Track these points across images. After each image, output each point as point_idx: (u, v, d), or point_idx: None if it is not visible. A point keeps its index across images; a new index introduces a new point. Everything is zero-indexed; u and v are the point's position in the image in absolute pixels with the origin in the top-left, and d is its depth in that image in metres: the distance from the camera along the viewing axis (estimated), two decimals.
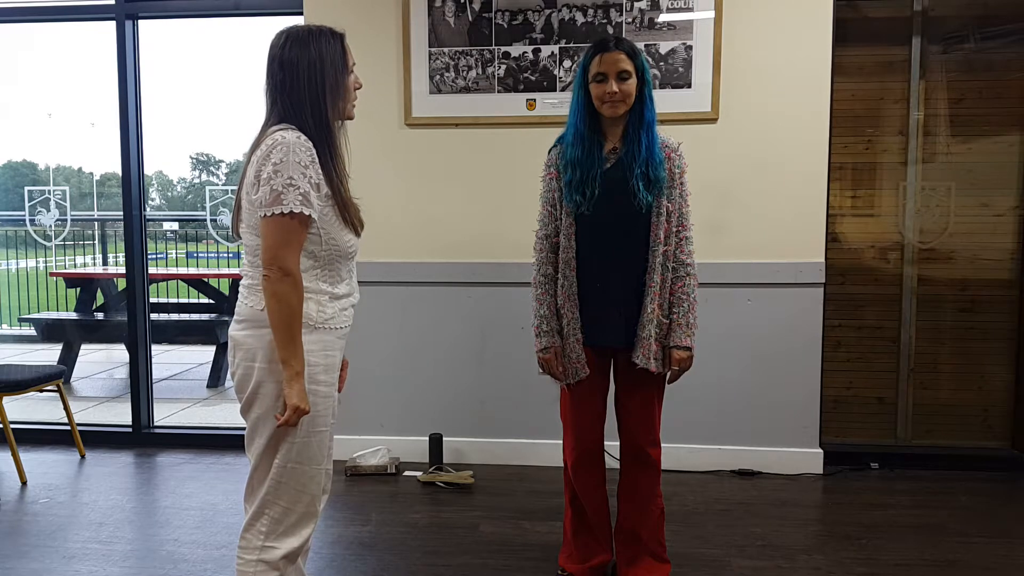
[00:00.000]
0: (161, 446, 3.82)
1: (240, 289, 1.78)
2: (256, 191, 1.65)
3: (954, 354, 3.57)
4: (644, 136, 2.17)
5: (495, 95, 3.39)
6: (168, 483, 3.32)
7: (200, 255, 8.14)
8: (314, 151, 1.67)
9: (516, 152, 3.39)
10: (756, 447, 3.41)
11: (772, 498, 3.13)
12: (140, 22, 3.78)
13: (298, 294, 1.64)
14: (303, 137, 1.66)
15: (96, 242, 7.65)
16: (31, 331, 6.79)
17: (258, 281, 1.71)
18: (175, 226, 8.24)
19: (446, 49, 3.39)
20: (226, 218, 4.81)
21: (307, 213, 1.63)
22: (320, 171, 1.67)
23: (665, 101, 3.14)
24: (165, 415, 4.47)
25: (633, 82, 2.15)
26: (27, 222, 4.54)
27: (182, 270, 7.02)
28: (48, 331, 5.84)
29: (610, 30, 3.30)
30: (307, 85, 1.68)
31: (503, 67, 3.38)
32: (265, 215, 1.62)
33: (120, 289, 5.80)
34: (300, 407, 1.65)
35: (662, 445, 2.34)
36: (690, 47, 3.28)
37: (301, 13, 3.44)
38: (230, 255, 7.61)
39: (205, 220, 4.86)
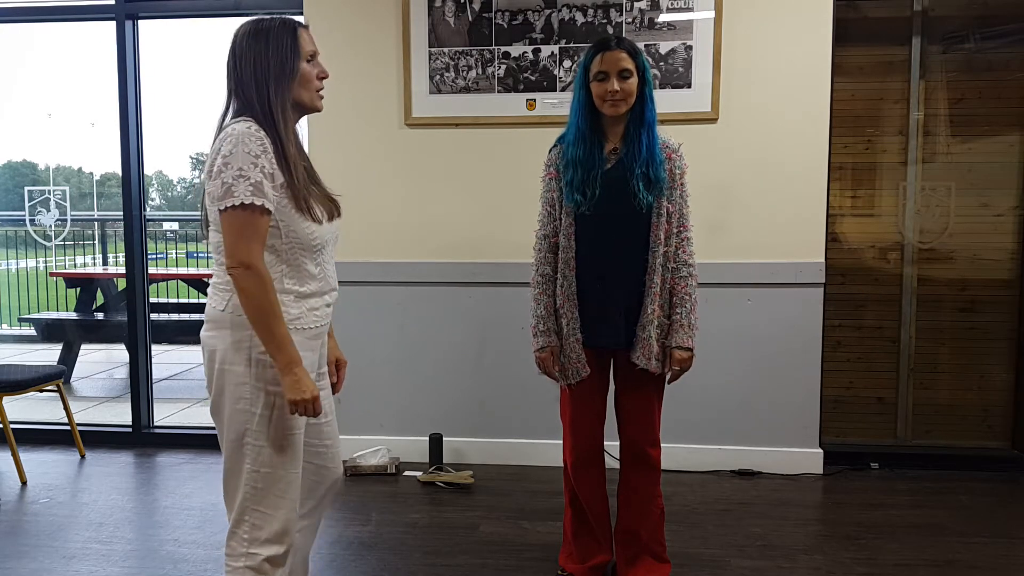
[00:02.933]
0: (161, 446, 3.82)
1: (208, 289, 1.77)
2: (210, 186, 1.63)
3: (954, 354, 3.57)
4: (645, 136, 2.17)
5: (495, 95, 3.39)
6: (168, 483, 3.32)
7: (200, 255, 8.14)
8: (267, 141, 1.63)
9: (516, 152, 3.39)
10: (756, 447, 3.41)
11: (772, 498, 3.13)
12: (140, 22, 3.78)
13: (264, 287, 1.60)
14: (254, 127, 1.63)
15: (96, 242, 7.65)
16: (31, 331, 6.80)
17: (222, 280, 1.69)
18: (175, 226, 8.24)
19: (446, 49, 3.39)
20: None
21: (259, 203, 1.59)
22: (273, 161, 1.63)
23: (665, 101, 3.14)
24: (165, 415, 4.47)
25: (634, 81, 2.15)
26: (27, 222, 4.54)
27: (182, 270, 7.03)
28: (48, 331, 5.84)
29: (610, 30, 3.30)
30: (253, 74, 1.66)
31: (503, 67, 3.38)
32: (220, 209, 1.60)
33: (120, 289, 5.80)
34: (295, 399, 1.62)
35: (662, 445, 2.34)
36: (690, 47, 3.28)
37: (301, 13, 3.44)
38: None
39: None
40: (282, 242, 1.68)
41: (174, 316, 6.08)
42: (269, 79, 1.66)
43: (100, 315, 5.97)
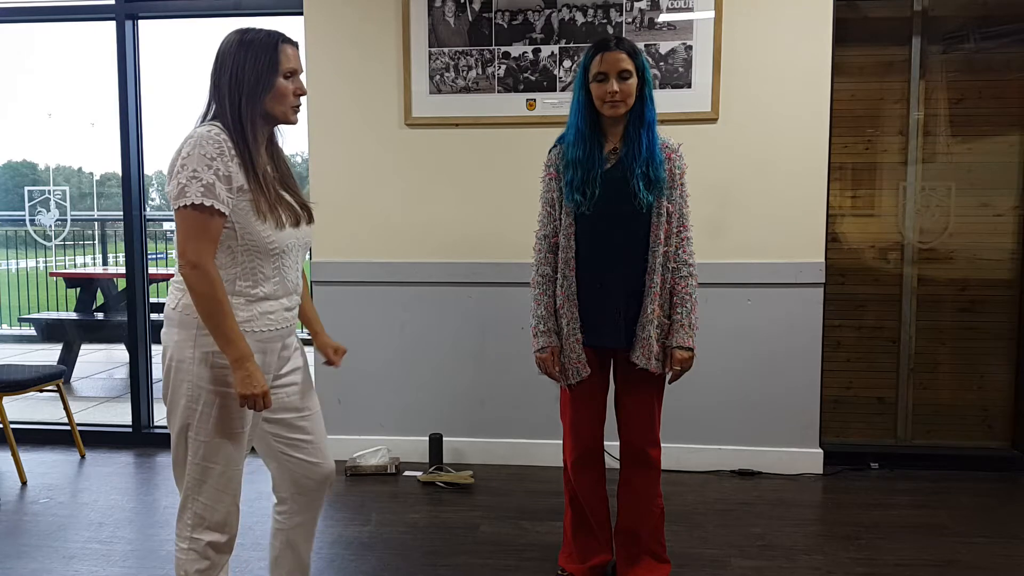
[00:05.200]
0: (161, 446, 3.82)
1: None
2: (168, 185, 1.68)
3: (954, 354, 3.57)
4: (645, 136, 2.17)
5: (495, 95, 3.39)
6: (168, 483, 3.32)
7: None
8: (227, 144, 1.67)
9: (516, 152, 3.39)
10: (756, 447, 3.41)
11: (772, 498, 3.13)
12: (140, 22, 3.78)
13: (211, 284, 1.64)
14: (215, 130, 1.68)
15: (96, 242, 7.64)
16: (31, 331, 6.79)
17: (178, 279, 1.74)
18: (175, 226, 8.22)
19: (446, 49, 3.39)
20: None
21: (208, 204, 1.63)
22: (231, 164, 1.67)
23: (665, 101, 3.14)
24: (165, 415, 4.46)
25: (634, 82, 2.15)
26: (27, 222, 4.54)
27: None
28: (48, 331, 5.84)
29: (610, 30, 3.30)
30: (229, 83, 1.71)
31: (503, 67, 3.37)
32: (174, 208, 1.65)
33: (120, 289, 5.80)
34: (245, 393, 1.67)
35: (662, 445, 2.34)
36: (690, 47, 3.28)
37: (301, 13, 3.44)
38: None
39: None
40: (237, 244, 1.72)
41: None
42: (243, 90, 1.71)
43: (100, 315, 5.96)
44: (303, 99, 1.82)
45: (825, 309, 3.37)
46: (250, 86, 1.71)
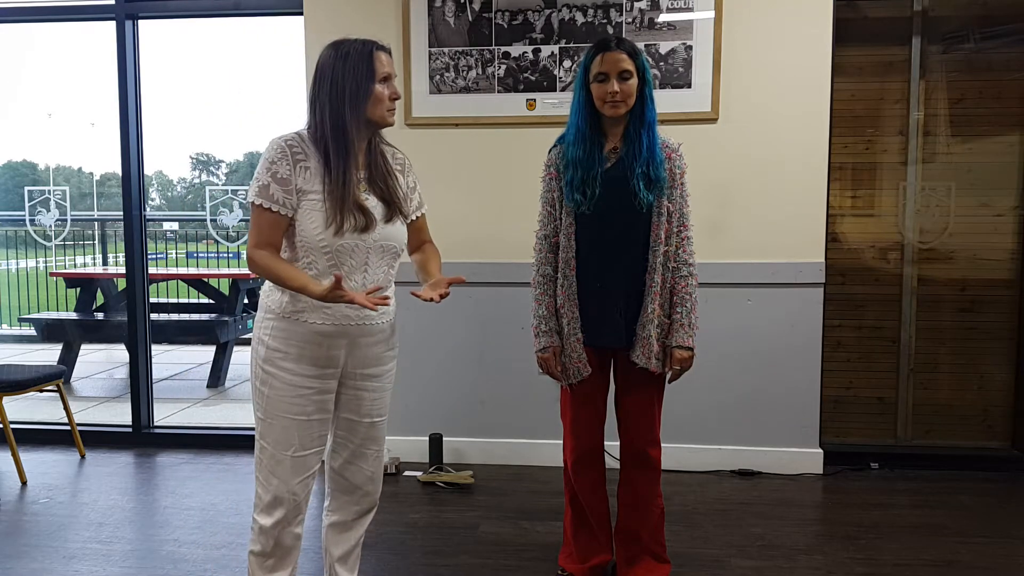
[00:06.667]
0: (161, 446, 3.82)
1: None
2: None
3: (954, 354, 3.57)
4: (645, 136, 2.17)
5: (495, 95, 3.39)
6: (168, 483, 3.32)
7: (200, 255, 8.14)
8: (292, 150, 1.80)
9: (516, 152, 3.39)
10: (756, 447, 3.41)
11: (772, 498, 3.13)
12: (140, 22, 3.78)
13: (265, 264, 1.79)
14: (287, 136, 1.83)
15: (96, 242, 7.65)
16: (31, 331, 6.78)
17: None
18: (175, 226, 8.23)
19: (446, 49, 3.39)
20: (226, 218, 4.80)
21: (258, 203, 1.79)
22: (294, 168, 1.80)
23: (665, 101, 3.14)
24: (165, 415, 4.47)
25: (634, 82, 2.15)
26: (27, 222, 4.54)
27: (182, 270, 7.02)
28: (48, 331, 5.83)
29: (610, 30, 3.30)
30: (328, 91, 1.81)
31: (503, 67, 3.38)
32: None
33: (120, 289, 5.80)
34: (327, 295, 1.69)
35: (662, 445, 2.34)
36: (690, 47, 3.28)
37: (301, 13, 3.44)
38: (230, 255, 7.61)
39: (205, 220, 4.85)
40: (297, 239, 1.83)
41: (174, 316, 6.07)
42: (345, 98, 1.80)
43: (100, 315, 5.96)
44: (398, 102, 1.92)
45: (825, 309, 3.37)
46: (351, 94, 1.80)
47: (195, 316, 5.95)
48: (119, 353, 6.57)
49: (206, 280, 6.11)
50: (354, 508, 2.06)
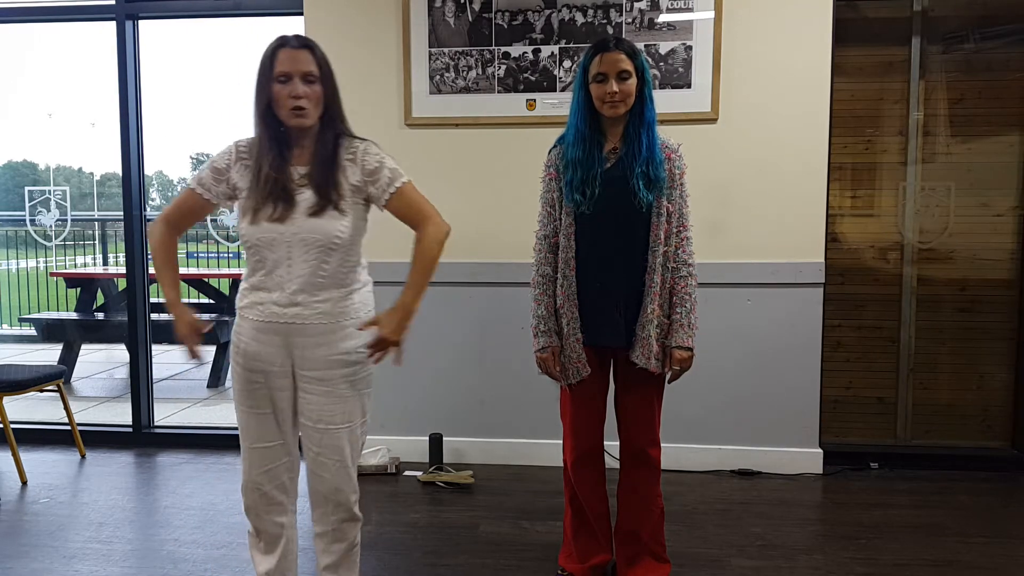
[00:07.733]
0: (161, 446, 3.82)
1: None
2: None
3: (954, 354, 3.57)
4: (644, 136, 2.17)
5: (495, 95, 3.39)
6: (168, 483, 3.33)
7: (200, 255, 8.14)
8: (239, 150, 1.90)
9: (516, 152, 3.39)
10: (756, 447, 3.41)
11: (772, 498, 3.13)
12: (140, 22, 3.78)
13: (152, 239, 1.94)
14: (243, 139, 1.92)
15: (96, 242, 7.64)
16: (31, 331, 6.79)
17: None
18: None
19: (446, 49, 3.39)
20: (226, 218, 4.80)
21: (188, 185, 1.95)
22: (234, 164, 1.90)
23: (665, 101, 3.14)
24: (165, 415, 4.47)
25: (633, 82, 2.15)
26: (27, 222, 4.54)
27: (182, 270, 7.00)
28: (48, 331, 5.83)
29: (610, 30, 3.30)
30: (254, 95, 1.89)
31: (503, 67, 3.38)
32: None
33: (120, 289, 5.80)
34: (169, 308, 1.93)
35: (662, 445, 2.34)
36: (690, 47, 3.28)
37: (301, 13, 3.44)
38: (230, 255, 7.61)
39: (205, 220, 4.86)
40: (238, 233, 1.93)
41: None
42: (256, 100, 1.86)
43: (100, 315, 5.96)
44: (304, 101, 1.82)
45: (825, 309, 3.37)
46: (256, 94, 1.85)
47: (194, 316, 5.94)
48: (119, 353, 6.57)
49: (206, 280, 6.11)
50: (331, 518, 1.98)
